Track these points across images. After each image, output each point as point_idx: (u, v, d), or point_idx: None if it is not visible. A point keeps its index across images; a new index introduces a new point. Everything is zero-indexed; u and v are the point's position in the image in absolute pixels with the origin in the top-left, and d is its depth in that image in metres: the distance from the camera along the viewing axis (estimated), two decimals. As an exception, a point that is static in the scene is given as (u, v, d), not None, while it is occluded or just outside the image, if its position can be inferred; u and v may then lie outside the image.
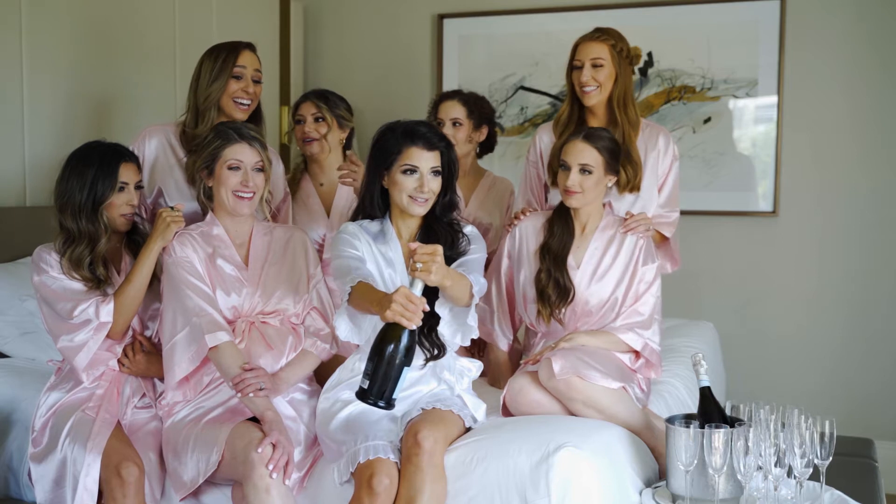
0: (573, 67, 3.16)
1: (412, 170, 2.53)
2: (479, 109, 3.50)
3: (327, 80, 4.98)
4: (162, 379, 2.71)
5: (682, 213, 3.49)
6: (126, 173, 2.71)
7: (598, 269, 2.89)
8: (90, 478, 2.48)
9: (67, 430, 2.57)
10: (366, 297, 2.31)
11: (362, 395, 2.20)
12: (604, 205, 2.99)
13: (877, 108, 4.20)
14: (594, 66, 3.10)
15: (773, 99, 4.30)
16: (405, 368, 2.18)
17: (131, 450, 2.55)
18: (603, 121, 3.19)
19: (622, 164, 3.07)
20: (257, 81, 3.03)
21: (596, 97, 3.12)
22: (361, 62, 4.96)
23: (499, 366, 3.11)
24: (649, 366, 2.87)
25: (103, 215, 2.67)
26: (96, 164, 2.67)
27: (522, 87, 4.67)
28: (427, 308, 2.18)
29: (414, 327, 2.16)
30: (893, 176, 4.21)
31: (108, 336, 2.66)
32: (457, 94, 3.51)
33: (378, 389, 2.17)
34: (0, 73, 3.43)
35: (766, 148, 4.34)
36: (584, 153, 2.83)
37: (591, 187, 2.84)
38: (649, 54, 4.44)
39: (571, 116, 3.21)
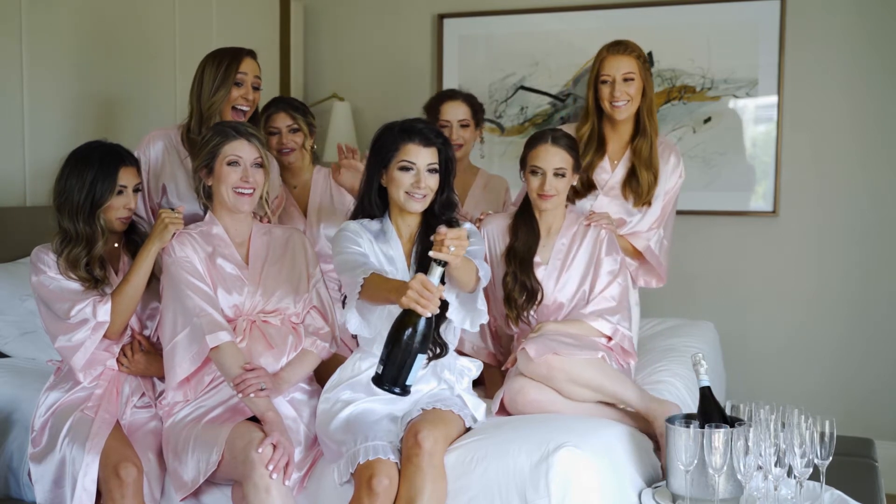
0: (600, 82, 3.15)
1: (409, 166, 2.54)
2: (480, 108, 3.54)
3: (327, 80, 4.99)
4: (161, 378, 2.71)
5: (683, 212, 3.51)
6: (125, 177, 2.71)
7: (565, 264, 2.94)
8: (89, 478, 2.48)
9: (66, 430, 2.57)
10: (382, 286, 2.30)
11: (377, 380, 2.21)
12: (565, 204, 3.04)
13: (877, 108, 4.20)
14: (625, 80, 3.11)
15: (774, 99, 4.30)
16: (420, 355, 2.19)
17: (130, 450, 2.55)
18: (624, 134, 3.21)
19: (645, 174, 3.10)
20: (257, 88, 3.08)
21: (627, 111, 3.13)
22: (361, 62, 4.96)
23: (491, 381, 3.12)
24: (624, 353, 2.90)
25: (101, 218, 2.67)
26: (96, 165, 2.67)
27: (522, 87, 4.67)
28: (443, 297, 2.17)
29: (430, 314, 2.16)
30: (893, 176, 4.20)
31: (105, 336, 2.66)
32: (459, 95, 3.52)
33: (392, 375, 2.19)
34: (0, 73, 3.43)
35: (767, 148, 4.34)
36: (556, 157, 2.87)
37: (564, 189, 2.91)
38: (649, 54, 4.43)
39: (593, 134, 3.21)
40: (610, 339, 2.87)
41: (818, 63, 4.26)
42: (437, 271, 2.18)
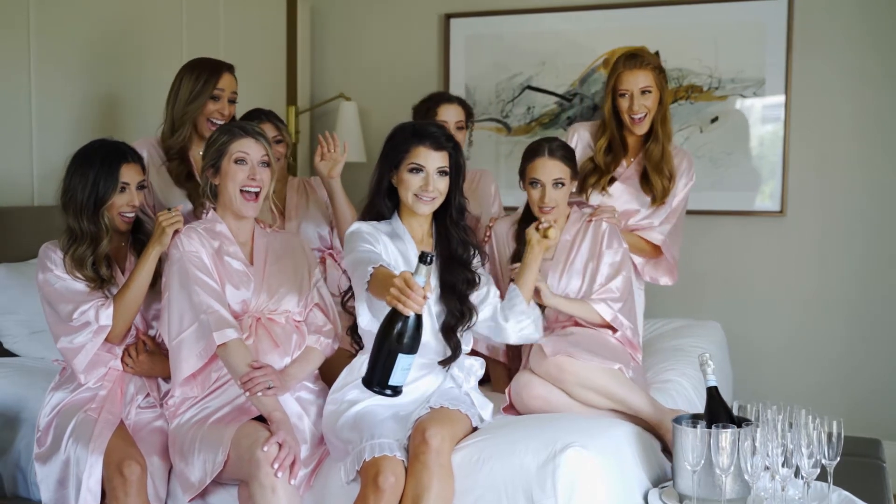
0: (618, 95, 3.15)
1: (418, 169, 2.55)
2: (471, 110, 3.56)
3: (334, 79, 4.99)
4: (166, 379, 2.72)
5: (690, 212, 3.51)
6: (128, 174, 2.72)
7: (568, 258, 2.96)
8: (93, 478, 2.49)
9: (70, 430, 2.58)
10: (383, 282, 2.25)
11: (366, 381, 2.17)
12: (570, 205, 3.06)
13: (883, 108, 4.18)
14: (643, 92, 3.12)
15: (781, 98, 4.29)
16: (402, 355, 2.12)
17: (133, 448, 2.55)
18: (638, 142, 3.21)
19: (660, 178, 3.12)
20: (232, 101, 3.19)
21: (646, 124, 3.15)
22: (368, 62, 4.96)
23: (497, 377, 3.13)
24: (631, 346, 2.91)
25: (104, 216, 2.68)
26: (98, 164, 2.68)
27: (529, 87, 4.67)
28: (429, 296, 2.12)
29: (410, 314, 2.10)
30: (901, 175, 4.20)
31: (107, 339, 2.67)
32: (453, 98, 3.51)
33: (377, 376, 2.14)
34: (8, 73, 3.44)
35: (774, 147, 4.33)
36: (555, 169, 2.91)
37: (563, 198, 2.95)
38: (656, 54, 4.42)
39: (614, 142, 3.21)
40: (614, 330, 2.88)
41: (825, 63, 4.25)
42: (422, 270, 2.11)
